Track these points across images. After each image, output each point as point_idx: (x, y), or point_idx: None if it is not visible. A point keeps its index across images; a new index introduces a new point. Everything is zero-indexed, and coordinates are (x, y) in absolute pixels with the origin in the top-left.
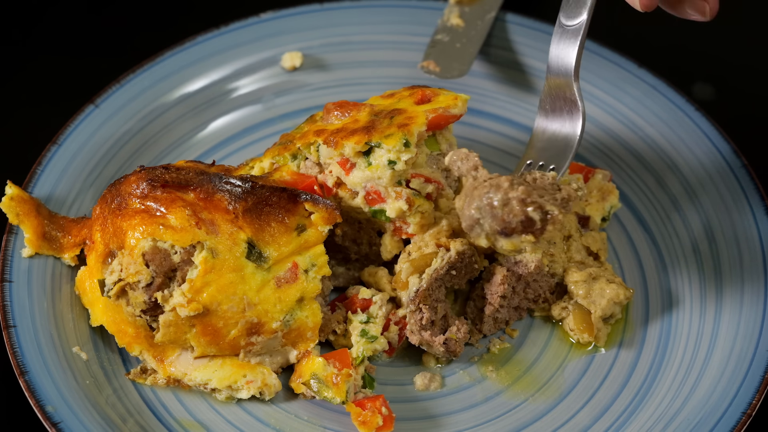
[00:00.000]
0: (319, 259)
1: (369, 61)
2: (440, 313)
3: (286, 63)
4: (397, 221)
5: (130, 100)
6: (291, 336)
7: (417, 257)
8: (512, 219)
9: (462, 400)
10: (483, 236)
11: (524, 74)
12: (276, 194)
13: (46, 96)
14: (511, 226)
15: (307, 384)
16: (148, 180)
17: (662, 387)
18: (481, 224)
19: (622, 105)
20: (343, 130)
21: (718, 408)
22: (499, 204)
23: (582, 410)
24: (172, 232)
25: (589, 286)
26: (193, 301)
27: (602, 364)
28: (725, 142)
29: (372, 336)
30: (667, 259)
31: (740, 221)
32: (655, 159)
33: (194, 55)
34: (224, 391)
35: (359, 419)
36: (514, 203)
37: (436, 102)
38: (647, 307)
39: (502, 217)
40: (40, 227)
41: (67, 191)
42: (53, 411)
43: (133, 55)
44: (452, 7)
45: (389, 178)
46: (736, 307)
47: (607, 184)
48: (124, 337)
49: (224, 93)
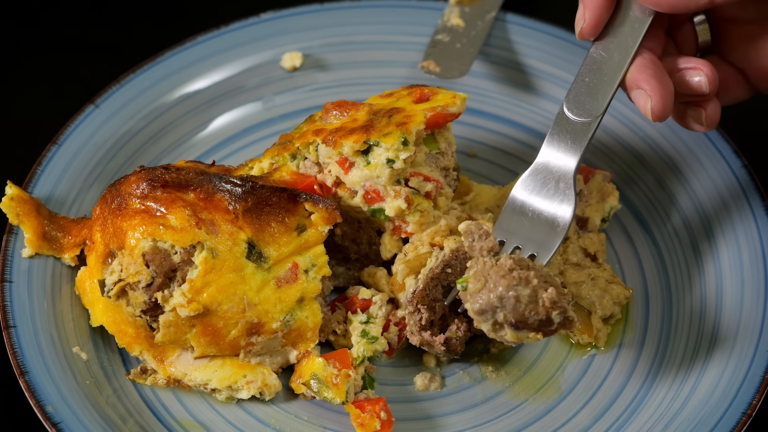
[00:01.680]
0: (319, 259)
1: (369, 61)
2: (439, 312)
3: (286, 63)
4: (396, 220)
5: (130, 100)
6: (291, 336)
7: (412, 258)
8: (532, 317)
9: (462, 401)
10: (490, 323)
11: (524, 74)
12: (276, 194)
13: (46, 96)
14: (527, 322)
15: (307, 384)
16: (148, 180)
17: (662, 387)
18: (496, 313)
19: (622, 105)
20: (341, 130)
21: (718, 408)
22: (525, 300)
23: (582, 410)
24: (172, 233)
25: (589, 286)
26: (193, 301)
27: (602, 365)
28: (725, 142)
29: (372, 337)
30: (667, 259)
31: (740, 221)
32: (655, 159)
33: (194, 55)
34: (224, 392)
35: (357, 421)
36: (541, 303)
37: (435, 101)
38: (647, 307)
39: (523, 312)
40: (40, 227)
41: (67, 191)
42: (53, 411)
43: (133, 55)
44: (452, 7)
45: (388, 177)
46: (736, 308)
47: (607, 185)
48: (124, 338)
49: (224, 93)
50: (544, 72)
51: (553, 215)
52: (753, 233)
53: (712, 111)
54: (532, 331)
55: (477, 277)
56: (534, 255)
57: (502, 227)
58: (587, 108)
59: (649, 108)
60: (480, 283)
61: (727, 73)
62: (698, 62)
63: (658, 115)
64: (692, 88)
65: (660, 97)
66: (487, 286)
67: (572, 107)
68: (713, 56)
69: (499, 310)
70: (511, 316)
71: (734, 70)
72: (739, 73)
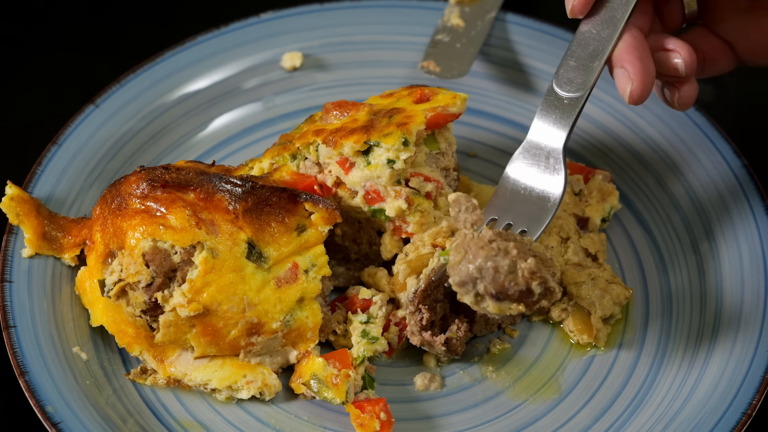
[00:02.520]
0: (319, 259)
1: (369, 61)
2: (440, 313)
3: (286, 63)
4: (396, 220)
5: (130, 100)
6: (291, 336)
7: (413, 258)
8: (512, 287)
9: (462, 401)
10: (472, 294)
11: (524, 74)
12: (276, 194)
13: (46, 96)
14: (507, 293)
15: (307, 384)
16: (148, 180)
17: (662, 387)
18: (477, 284)
19: (622, 105)
20: (342, 130)
21: (718, 408)
22: (504, 270)
23: (582, 410)
24: (172, 233)
25: (588, 287)
26: (193, 301)
27: (602, 365)
28: (725, 142)
29: (373, 337)
30: (667, 259)
31: (740, 221)
32: (655, 159)
33: (194, 55)
34: (224, 392)
35: (357, 421)
36: (520, 273)
37: (435, 101)
38: (647, 307)
39: (503, 282)
40: (40, 227)
41: (67, 191)
42: (53, 411)
43: (133, 55)
44: (452, 7)
45: (388, 177)
46: (736, 308)
47: (607, 185)
48: (124, 338)
49: (224, 93)
50: (544, 72)
51: (544, 191)
52: (753, 233)
53: (685, 93)
54: (514, 302)
55: (458, 249)
56: (524, 231)
57: (495, 205)
58: (576, 83)
59: (628, 91)
60: (460, 255)
61: (715, 45)
62: (678, 44)
63: (635, 100)
64: (669, 69)
65: (641, 82)
66: (467, 257)
67: (561, 83)
68: (701, 28)
69: (479, 281)
70: (491, 287)
71: (721, 42)
72: (726, 45)
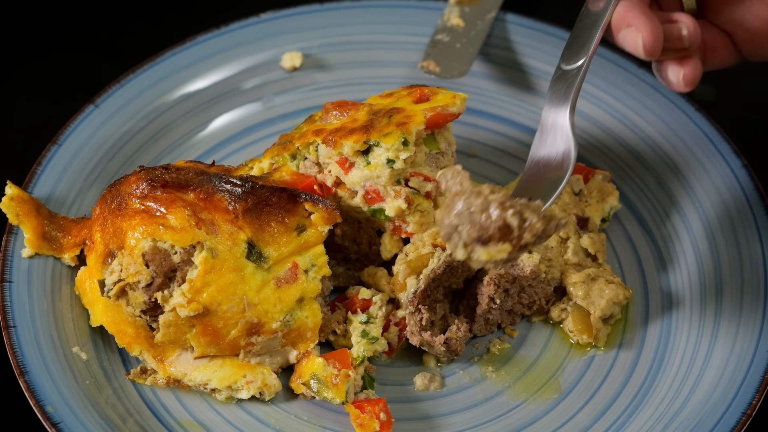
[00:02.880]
0: (319, 259)
1: (369, 61)
2: (439, 313)
3: (286, 63)
4: (396, 220)
5: (130, 100)
6: (291, 336)
7: (413, 258)
8: (490, 225)
9: (462, 401)
10: (460, 246)
11: (524, 74)
12: (276, 194)
13: (47, 96)
14: (488, 233)
15: (307, 384)
16: (148, 180)
17: (662, 387)
18: (459, 232)
19: (622, 105)
20: (341, 130)
21: (718, 408)
22: (477, 209)
23: (582, 410)
24: (172, 233)
25: (588, 287)
26: (193, 301)
27: (602, 365)
28: (725, 142)
29: (372, 337)
30: (667, 259)
31: (740, 221)
32: (655, 159)
33: (194, 55)
34: (224, 392)
35: (357, 421)
36: (492, 207)
37: (435, 101)
38: (647, 307)
39: (480, 222)
40: (40, 227)
41: (67, 191)
42: (53, 411)
43: (133, 55)
44: (452, 7)
45: (388, 177)
46: (736, 308)
47: (607, 185)
48: (124, 338)
49: (224, 93)
50: (544, 72)
51: (558, 162)
52: (753, 233)
53: (689, 70)
54: (498, 242)
55: (442, 208)
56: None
57: (521, 188)
58: (577, 55)
59: (640, 44)
60: (442, 212)
61: (714, 36)
62: (681, 15)
63: (650, 50)
64: (674, 39)
65: (650, 31)
66: (448, 210)
67: (565, 59)
68: (700, 20)
69: (461, 227)
70: (472, 230)
71: (721, 33)
72: (726, 36)
